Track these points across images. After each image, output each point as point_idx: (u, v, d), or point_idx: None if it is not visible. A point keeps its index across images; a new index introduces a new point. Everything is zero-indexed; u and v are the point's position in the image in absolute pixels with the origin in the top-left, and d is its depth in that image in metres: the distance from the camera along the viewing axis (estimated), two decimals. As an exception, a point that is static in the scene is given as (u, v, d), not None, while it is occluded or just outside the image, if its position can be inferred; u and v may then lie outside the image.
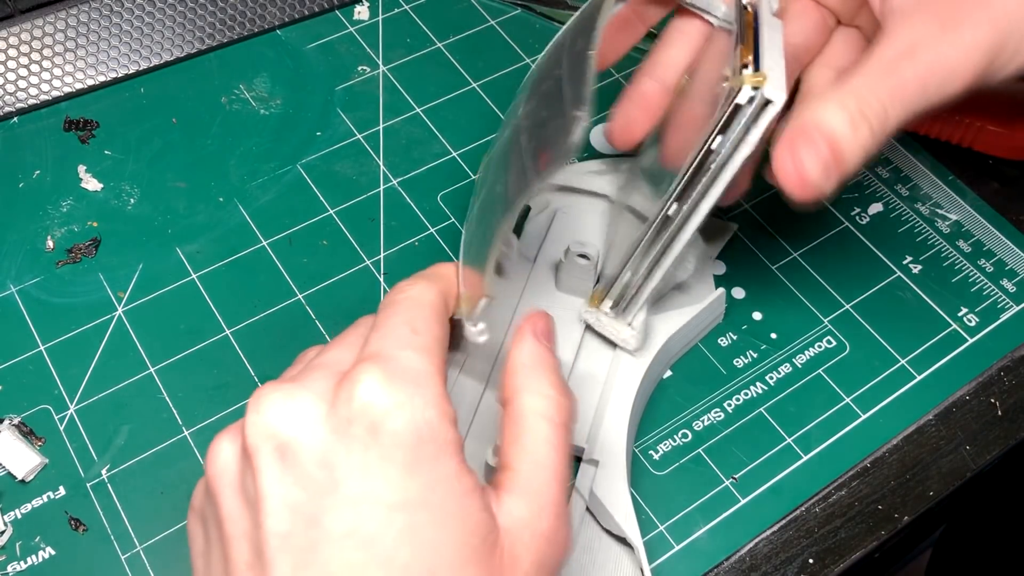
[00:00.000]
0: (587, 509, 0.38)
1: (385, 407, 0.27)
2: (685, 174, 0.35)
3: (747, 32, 0.35)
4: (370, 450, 0.27)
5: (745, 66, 0.33)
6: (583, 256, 0.40)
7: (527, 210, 0.45)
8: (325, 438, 0.27)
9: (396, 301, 0.31)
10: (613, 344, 0.41)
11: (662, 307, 0.42)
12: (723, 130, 0.34)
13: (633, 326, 0.40)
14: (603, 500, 0.37)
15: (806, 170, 0.31)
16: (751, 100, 0.33)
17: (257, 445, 0.27)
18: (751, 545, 0.39)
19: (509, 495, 0.29)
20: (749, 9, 0.37)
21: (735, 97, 0.33)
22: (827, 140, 0.31)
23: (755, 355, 0.43)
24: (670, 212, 0.36)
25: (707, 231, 0.45)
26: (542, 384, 0.31)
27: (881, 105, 0.31)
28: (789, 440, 0.41)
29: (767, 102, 0.33)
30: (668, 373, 0.43)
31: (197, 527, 0.31)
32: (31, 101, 0.50)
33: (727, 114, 0.33)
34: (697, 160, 0.35)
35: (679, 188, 0.36)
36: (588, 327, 0.42)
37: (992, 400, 0.42)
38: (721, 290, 0.43)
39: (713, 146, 0.34)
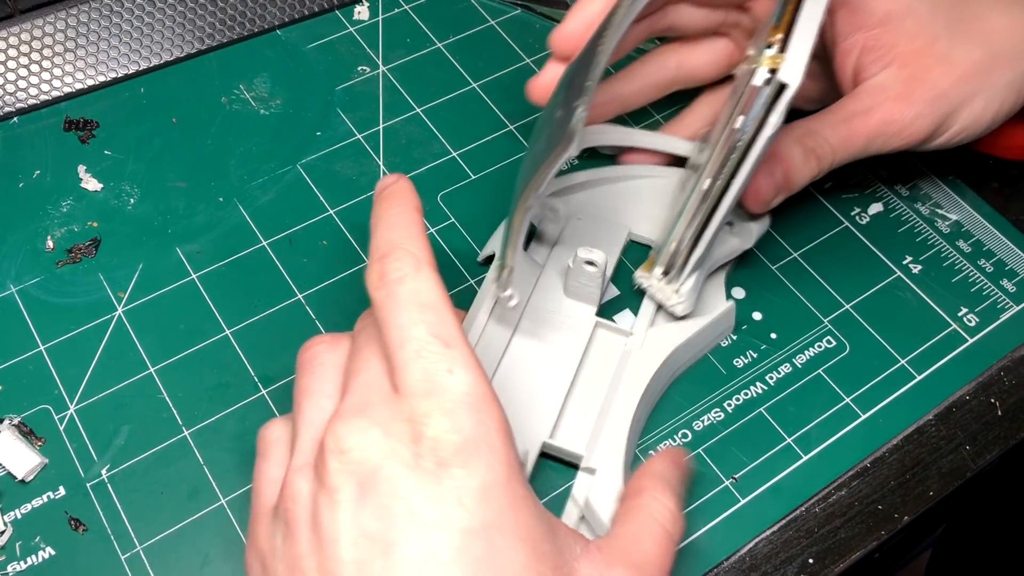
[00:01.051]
0: (582, 518, 0.38)
1: (452, 442, 0.28)
2: (714, 151, 0.35)
3: (787, 7, 0.35)
4: (442, 481, 0.28)
5: (770, 45, 0.33)
6: (590, 263, 0.40)
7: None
8: (399, 471, 0.28)
9: (396, 304, 0.30)
10: (617, 353, 0.41)
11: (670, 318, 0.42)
12: (744, 111, 0.34)
13: (680, 292, 0.40)
14: (598, 510, 0.37)
15: (761, 190, 0.40)
16: (767, 82, 0.33)
17: (339, 483, 0.28)
18: (751, 545, 0.39)
19: (612, 564, 0.31)
20: None
21: (751, 78, 0.33)
22: (783, 168, 0.40)
23: (755, 355, 0.43)
24: (704, 187, 0.36)
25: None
26: (668, 498, 0.34)
27: (831, 147, 0.41)
28: (789, 440, 0.41)
29: (783, 85, 0.32)
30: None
31: (257, 565, 0.32)
32: (31, 101, 0.50)
33: (743, 93, 0.33)
34: (723, 138, 0.35)
35: (710, 164, 0.36)
36: (592, 337, 0.42)
37: (992, 400, 0.42)
38: (731, 303, 0.42)
39: (736, 125, 0.34)
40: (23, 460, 0.39)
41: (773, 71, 0.33)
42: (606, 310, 0.43)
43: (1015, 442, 0.41)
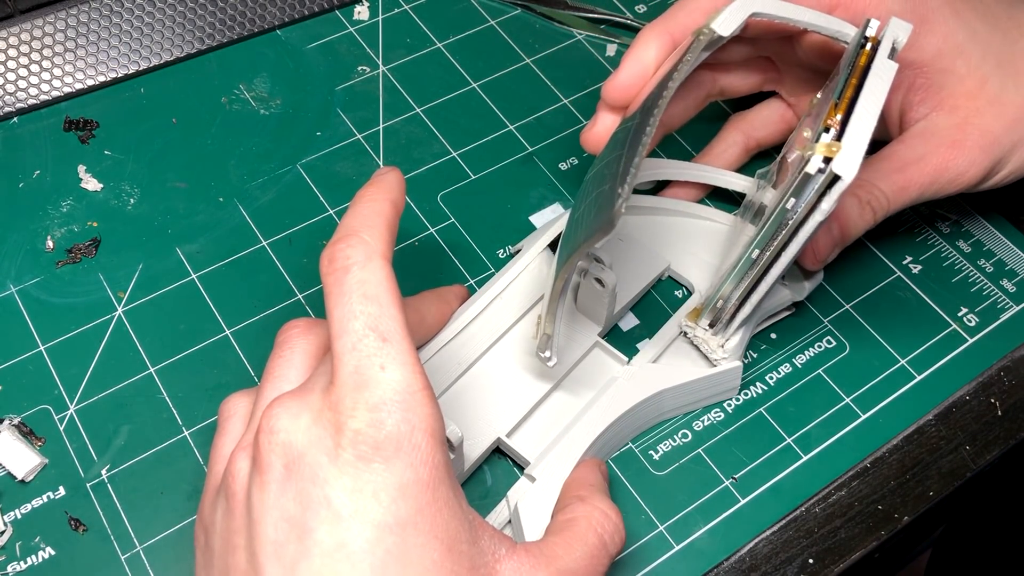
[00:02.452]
0: (509, 522, 0.38)
1: (373, 437, 0.28)
2: (765, 225, 0.35)
3: (850, 82, 0.34)
4: (361, 474, 0.28)
5: (827, 129, 0.33)
6: (599, 281, 0.40)
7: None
8: (320, 459, 0.29)
9: (341, 293, 0.30)
10: (605, 377, 0.41)
11: (670, 360, 0.41)
12: (796, 194, 0.33)
13: (725, 348, 0.40)
14: (523, 519, 0.36)
15: (819, 246, 0.40)
16: (820, 171, 0.32)
17: (267, 463, 0.29)
18: (751, 545, 0.39)
19: (537, 568, 0.31)
20: (867, 48, 0.36)
21: (805, 165, 0.32)
22: (839, 223, 0.40)
23: (755, 355, 0.43)
24: (754, 256, 0.36)
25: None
26: (611, 509, 0.34)
27: (886, 198, 0.40)
28: (789, 440, 0.41)
29: (836, 177, 0.32)
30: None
31: (201, 536, 0.32)
32: (31, 101, 0.50)
33: (798, 179, 0.33)
34: (775, 215, 0.34)
35: (760, 237, 0.35)
36: (587, 355, 0.42)
37: (992, 400, 0.42)
38: (739, 364, 0.41)
39: (788, 206, 0.34)
40: (23, 460, 0.39)
41: (828, 160, 0.32)
42: (629, 337, 0.43)
43: (1015, 442, 0.41)
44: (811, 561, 0.38)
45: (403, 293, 0.44)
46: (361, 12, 0.55)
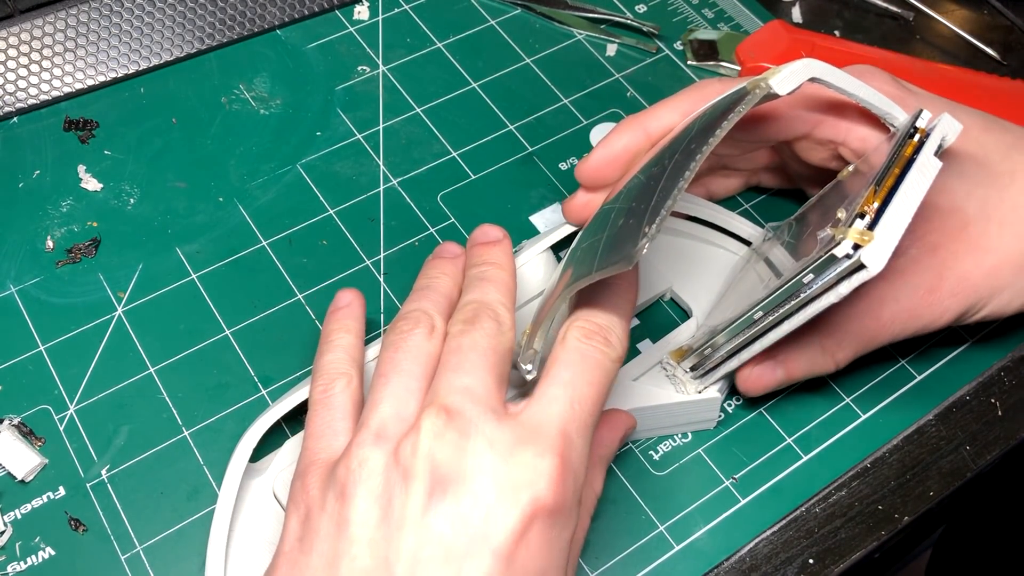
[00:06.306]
0: None
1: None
2: (776, 291, 0.35)
3: (892, 171, 0.34)
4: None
5: (862, 215, 0.32)
6: None
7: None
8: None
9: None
10: None
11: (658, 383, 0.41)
12: (817, 271, 0.33)
13: (702, 395, 0.40)
14: None
15: (759, 383, 0.39)
16: (848, 256, 0.32)
17: (417, 470, 0.30)
18: (751, 545, 0.39)
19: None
20: (914, 140, 0.35)
21: (834, 246, 0.32)
22: (787, 366, 0.39)
23: (755, 355, 0.43)
24: (756, 317, 0.36)
25: None
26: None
27: (852, 349, 0.39)
28: (789, 440, 0.41)
29: (861, 266, 0.31)
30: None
31: (301, 508, 0.32)
32: (31, 101, 0.50)
33: (822, 258, 0.32)
34: (788, 285, 0.34)
35: (768, 302, 0.35)
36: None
37: (992, 400, 0.42)
38: (717, 396, 0.40)
39: (805, 280, 0.33)
40: (23, 460, 0.39)
41: (856, 248, 0.32)
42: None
43: (1015, 442, 0.41)
44: (811, 561, 0.38)
45: (401, 292, 0.44)
46: (361, 12, 0.55)
